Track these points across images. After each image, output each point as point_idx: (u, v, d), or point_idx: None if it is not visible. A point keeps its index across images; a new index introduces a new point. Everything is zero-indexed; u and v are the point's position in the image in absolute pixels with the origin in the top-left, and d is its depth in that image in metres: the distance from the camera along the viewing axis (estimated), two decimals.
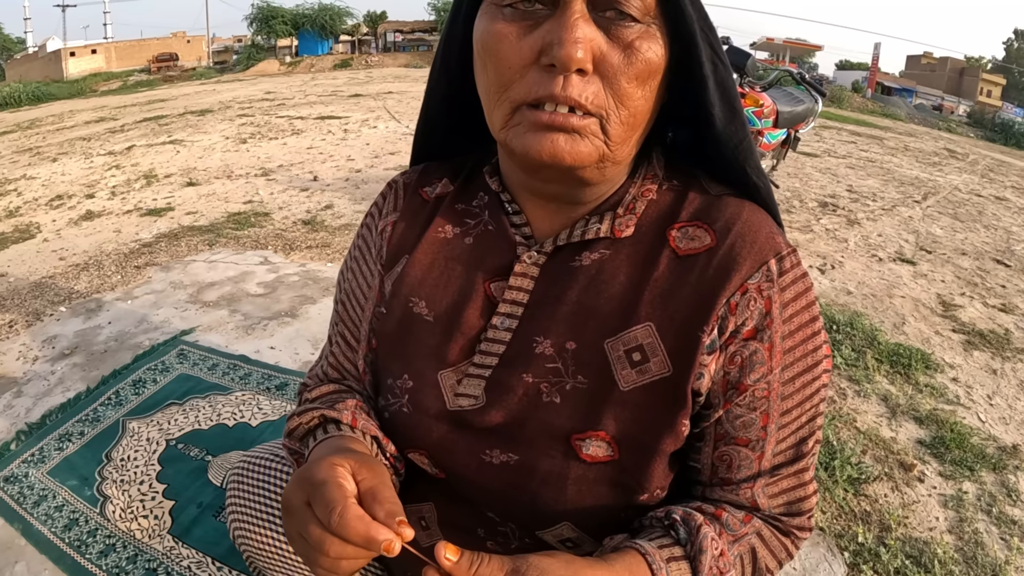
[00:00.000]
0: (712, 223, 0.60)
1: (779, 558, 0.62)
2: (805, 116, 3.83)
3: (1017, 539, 1.47)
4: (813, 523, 0.65)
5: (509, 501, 0.62)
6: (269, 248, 3.12)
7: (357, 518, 0.46)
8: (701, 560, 0.54)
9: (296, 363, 2.04)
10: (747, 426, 0.59)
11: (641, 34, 0.52)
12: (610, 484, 0.59)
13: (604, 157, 0.55)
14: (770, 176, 3.97)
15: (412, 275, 0.68)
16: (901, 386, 2.08)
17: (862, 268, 3.24)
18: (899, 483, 1.62)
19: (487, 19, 0.54)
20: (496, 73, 0.54)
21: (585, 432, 0.58)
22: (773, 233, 0.60)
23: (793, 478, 0.61)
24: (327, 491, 0.48)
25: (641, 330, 0.58)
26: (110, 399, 1.80)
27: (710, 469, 0.62)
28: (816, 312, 0.60)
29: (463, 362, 0.64)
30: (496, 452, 0.61)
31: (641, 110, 0.54)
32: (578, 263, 0.62)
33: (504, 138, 0.56)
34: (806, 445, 0.61)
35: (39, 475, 1.50)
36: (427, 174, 0.74)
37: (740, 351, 0.58)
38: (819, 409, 0.61)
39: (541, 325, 0.61)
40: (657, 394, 0.58)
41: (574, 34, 0.49)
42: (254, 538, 0.84)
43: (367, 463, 0.53)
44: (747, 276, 0.57)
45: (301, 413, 0.67)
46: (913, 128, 13.97)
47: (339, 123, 7.34)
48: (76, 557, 1.29)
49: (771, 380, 0.58)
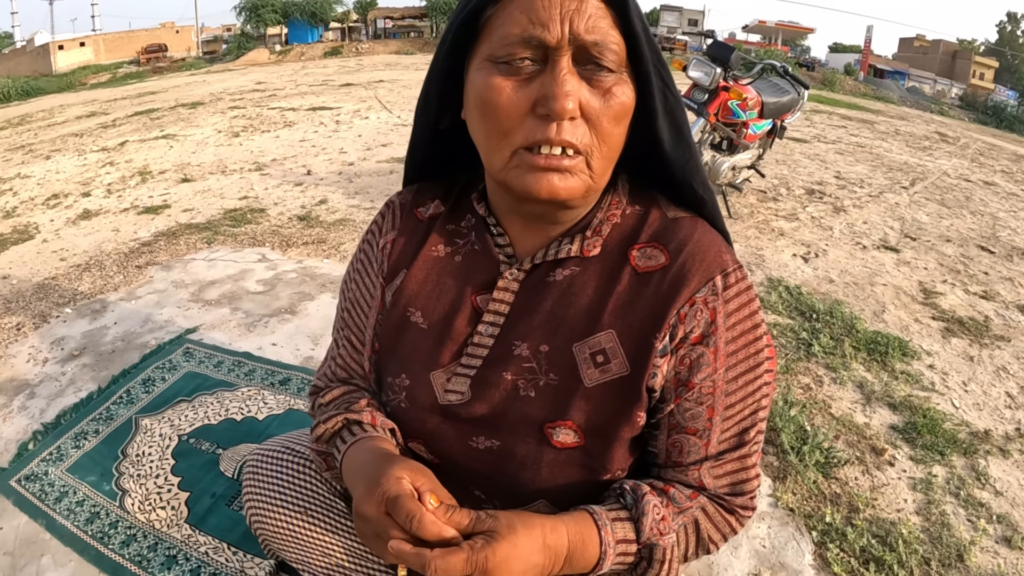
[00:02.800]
0: (667, 244, 0.71)
1: (723, 532, 0.73)
2: (791, 106, 3.90)
3: (984, 521, 1.53)
4: (756, 504, 0.76)
5: (493, 481, 0.73)
6: (266, 245, 3.18)
7: (431, 523, 0.59)
8: (643, 522, 0.66)
9: (297, 359, 2.12)
10: (695, 418, 0.70)
11: (616, 81, 0.62)
12: (578, 466, 0.70)
13: (589, 188, 0.66)
14: (756, 165, 4.05)
15: (410, 288, 0.78)
16: (877, 373, 2.17)
17: (846, 256, 3.32)
18: (870, 467, 1.70)
19: (484, 74, 0.63)
20: (495, 121, 0.63)
21: (556, 421, 0.70)
22: (721, 252, 0.70)
23: (736, 462, 0.72)
24: (404, 503, 0.60)
25: (604, 336, 0.69)
26: (121, 398, 1.88)
27: (664, 454, 0.73)
28: (759, 320, 0.70)
29: (452, 363, 0.74)
30: (481, 439, 0.72)
31: (617, 144, 0.66)
32: (552, 279, 0.73)
33: (504, 178, 0.66)
34: (748, 435, 0.72)
35: (58, 472, 1.58)
36: (420, 194, 0.84)
37: (688, 354, 0.69)
38: (761, 404, 0.71)
39: (519, 331, 0.72)
40: (617, 390, 0.69)
41: (564, 88, 0.59)
42: (269, 522, 0.96)
43: (418, 470, 0.65)
44: (695, 290, 0.68)
45: (326, 420, 0.78)
46: (905, 111, 13.99)
47: (331, 114, 7.35)
48: (100, 548, 1.37)
49: (716, 379, 0.69)
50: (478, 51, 0.65)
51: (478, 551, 0.57)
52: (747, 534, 1.47)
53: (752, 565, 1.39)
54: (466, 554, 0.57)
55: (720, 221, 0.76)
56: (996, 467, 1.75)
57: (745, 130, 3.57)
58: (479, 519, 0.60)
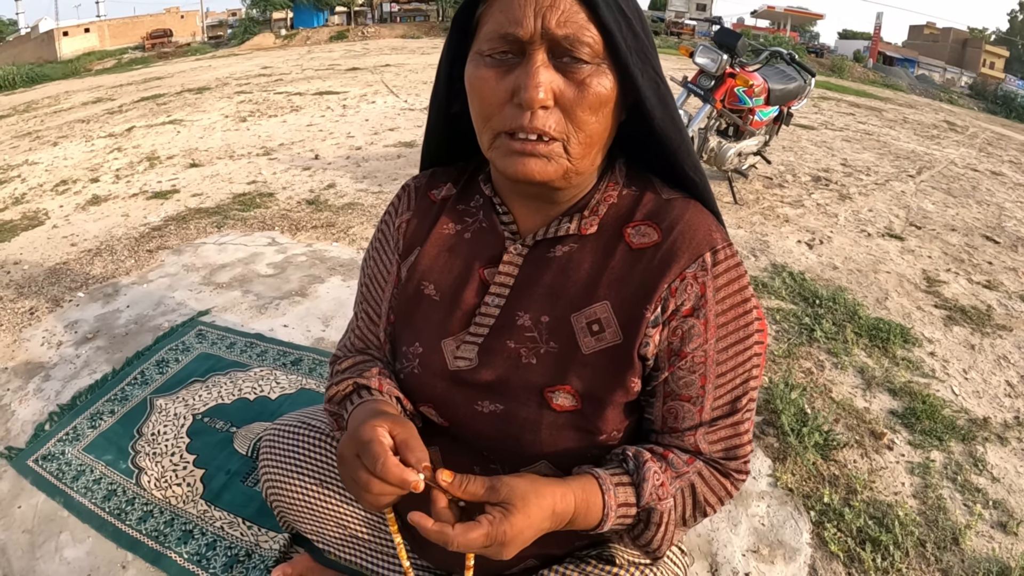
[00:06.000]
0: (660, 222, 0.76)
1: (718, 495, 0.77)
2: (797, 93, 3.89)
3: (980, 506, 1.56)
4: (749, 468, 0.80)
5: (497, 443, 0.78)
6: (276, 229, 3.21)
7: (394, 465, 0.64)
8: (643, 487, 0.71)
9: (309, 340, 2.16)
10: (688, 385, 0.75)
11: (592, 72, 0.66)
12: (575, 428, 0.75)
13: (568, 171, 0.70)
14: (762, 152, 4.05)
15: (423, 263, 0.84)
16: (878, 359, 2.20)
17: (850, 243, 3.33)
18: (868, 450, 1.74)
19: (473, 65, 0.70)
20: (480, 108, 0.70)
21: (555, 386, 0.75)
22: (711, 231, 0.75)
23: (730, 428, 0.77)
24: (372, 447, 0.65)
25: (599, 306, 0.75)
26: (136, 379, 1.92)
27: (661, 420, 0.78)
28: (748, 295, 0.75)
29: (461, 331, 0.80)
30: (486, 403, 0.77)
31: (596, 132, 0.69)
32: (552, 254, 0.78)
33: (490, 157, 0.72)
34: (740, 402, 0.76)
35: (75, 452, 1.62)
36: (434, 178, 0.90)
37: (680, 326, 0.73)
38: (752, 374, 0.76)
39: (522, 303, 0.78)
40: (611, 357, 0.74)
41: (536, 80, 0.64)
42: (285, 494, 1.01)
43: (399, 422, 0.70)
44: (685, 266, 0.73)
45: (338, 382, 0.85)
46: (914, 99, 13.86)
47: (337, 99, 7.35)
48: (117, 524, 1.41)
49: (707, 349, 0.74)
50: (474, 44, 0.71)
51: (496, 525, 0.62)
52: (746, 512, 1.50)
53: (751, 542, 1.43)
54: (486, 529, 0.61)
55: (712, 202, 0.80)
56: (994, 454, 1.77)
57: (751, 116, 3.57)
58: (492, 489, 0.64)
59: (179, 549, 1.34)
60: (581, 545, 0.87)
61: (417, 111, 6.49)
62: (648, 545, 0.74)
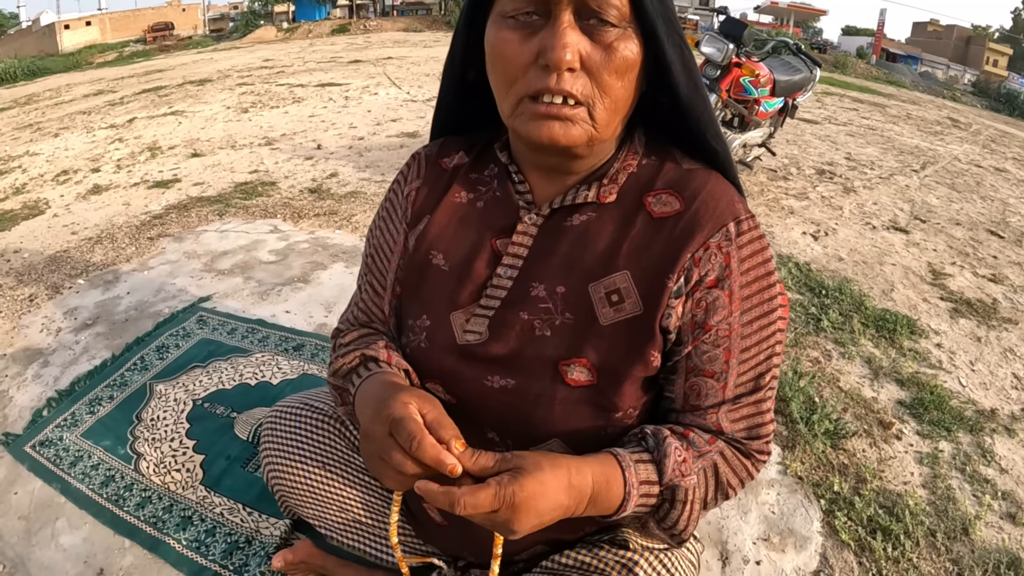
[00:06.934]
0: (681, 191, 0.73)
1: (740, 476, 0.74)
2: (802, 85, 3.86)
3: (989, 497, 1.54)
4: (771, 448, 0.77)
5: (507, 420, 0.75)
6: (278, 217, 3.19)
7: (431, 446, 0.60)
8: (665, 463, 0.68)
9: (311, 326, 2.14)
10: (712, 360, 0.72)
11: (619, 36, 0.64)
12: (590, 404, 0.72)
13: (592, 137, 0.67)
14: (767, 144, 4.02)
15: (432, 232, 0.81)
16: (885, 350, 2.18)
17: (855, 236, 3.31)
18: (877, 440, 1.72)
19: (495, 28, 0.67)
20: (503, 71, 0.67)
21: (570, 359, 0.72)
22: (733, 201, 0.72)
23: (752, 407, 0.74)
24: (407, 425, 0.62)
25: (619, 276, 0.72)
26: (135, 364, 1.90)
27: (682, 398, 0.75)
28: (771, 268, 0.72)
29: (471, 304, 0.76)
30: (496, 378, 0.74)
31: (622, 97, 0.67)
32: (569, 223, 0.75)
33: (512, 124, 0.69)
34: (763, 379, 0.73)
35: (73, 438, 1.60)
36: (446, 147, 0.87)
37: (704, 297, 0.70)
38: (775, 350, 0.73)
39: (537, 273, 0.74)
40: (630, 329, 0.71)
41: (563, 40, 0.62)
42: (288, 477, 0.98)
43: (427, 399, 0.67)
44: (709, 236, 0.70)
45: (344, 355, 0.81)
46: (917, 96, 13.80)
47: (340, 90, 7.31)
48: (115, 510, 1.39)
49: (731, 322, 0.71)
50: (494, 7, 0.68)
51: (505, 486, 0.58)
52: (756, 500, 1.49)
53: (761, 530, 1.41)
54: (493, 489, 0.58)
55: (733, 172, 0.77)
56: (1002, 445, 1.76)
57: (757, 107, 3.54)
58: (505, 459, 0.61)
59: (178, 535, 1.32)
60: (592, 531, 0.84)
61: (420, 103, 6.46)
62: (675, 527, 0.70)
